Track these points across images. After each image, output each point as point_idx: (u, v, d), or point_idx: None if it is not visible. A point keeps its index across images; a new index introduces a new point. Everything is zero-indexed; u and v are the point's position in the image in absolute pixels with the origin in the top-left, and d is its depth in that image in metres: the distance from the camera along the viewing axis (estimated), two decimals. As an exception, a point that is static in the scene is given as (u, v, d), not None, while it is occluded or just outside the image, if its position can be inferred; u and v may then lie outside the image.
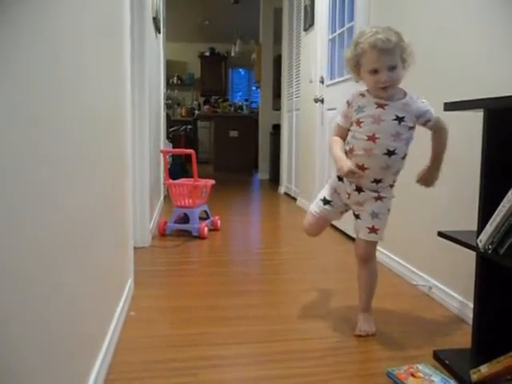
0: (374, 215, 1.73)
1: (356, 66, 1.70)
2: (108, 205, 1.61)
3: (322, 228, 1.91)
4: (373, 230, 1.74)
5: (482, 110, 1.40)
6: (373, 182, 1.70)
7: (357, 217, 1.79)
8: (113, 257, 1.73)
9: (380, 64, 1.61)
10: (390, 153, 1.66)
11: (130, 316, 1.89)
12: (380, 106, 1.66)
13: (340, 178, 1.77)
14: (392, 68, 1.62)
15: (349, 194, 1.76)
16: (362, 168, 1.68)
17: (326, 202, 1.82)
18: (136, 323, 1.84)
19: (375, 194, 1.73)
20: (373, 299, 1.85)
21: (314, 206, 1.86)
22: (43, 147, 0.91)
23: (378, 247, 2.77)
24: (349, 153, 1.71)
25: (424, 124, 1.69)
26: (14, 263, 0.76)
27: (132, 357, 1.57)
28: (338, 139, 1.76)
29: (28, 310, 0.82)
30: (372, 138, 1.64)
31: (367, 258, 1.83)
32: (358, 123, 1.68)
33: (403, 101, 1.67)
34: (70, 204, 1.09)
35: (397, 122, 1.64)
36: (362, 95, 1.72)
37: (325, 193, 1.84)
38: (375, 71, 1.62)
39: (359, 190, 1.73)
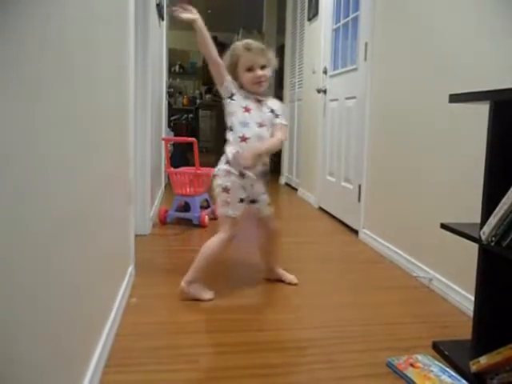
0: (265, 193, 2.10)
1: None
2: (109, 192, 1.61)
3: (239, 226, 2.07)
4: (269, 204, 2.11)
5: (487, 102, 1.39)
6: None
7: (254, 202, 2.06)
8: (114, 244, 1.73)
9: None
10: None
11: (130, 303, 1.89)
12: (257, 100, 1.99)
13: (242, 175, 1.96)
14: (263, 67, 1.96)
15: (252, 185, 2.01)
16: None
17: (241, 200, 2.00)
18: (136, 310, 1.84)
19: (261, 177, 2.04)
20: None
21: (234, 210, 1.98)
22: (45, 135, 0.90)
23: (379, 238, 2.78)
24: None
25: None
26: (14, 252, 0.76)
27: (132, 343, 1.58)
28: None
29: (29, 297, 0.82)
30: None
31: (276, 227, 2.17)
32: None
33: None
34: (71, 191, 1.09)
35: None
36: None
37: (239, 195, 1.99)
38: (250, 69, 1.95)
39: (258, 177, 2.02)
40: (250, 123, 1.95)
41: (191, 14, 1.87)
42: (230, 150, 1.98)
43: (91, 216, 1.30)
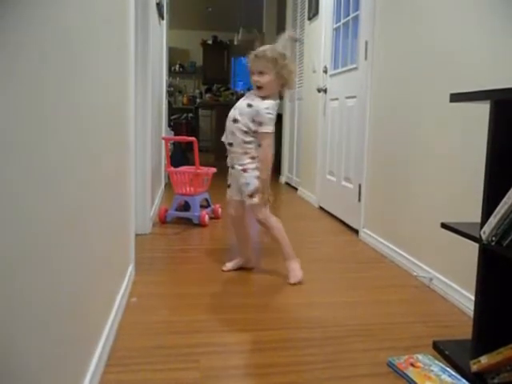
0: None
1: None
2: (110, 192, 1.61)
3: (241, 210, 2.36)
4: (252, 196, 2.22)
5: (488, 101, 1.39)
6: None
7: (240, 192, 2.28)
8: (114, 243, 1.73)
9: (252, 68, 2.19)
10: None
11: (131, 302, 1.89)
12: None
13: (232, 167, 2.27)
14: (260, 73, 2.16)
15: (237, 178, 2.26)
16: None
17: (228, 185, 2.36)
18: (137, 309, 1.84)
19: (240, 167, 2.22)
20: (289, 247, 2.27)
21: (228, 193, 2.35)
22: (46, 134, 0.90)
23: (379, 238, 2.78)
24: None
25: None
26: (14, 252, 0.76)
27: (133, 343, 1.58)
28: None
29: (29, 297, 0.82)
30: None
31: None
32: None
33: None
34: (72, 191, 1.09)
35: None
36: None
37: (229, 180, 2.35)
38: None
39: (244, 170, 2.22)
40: (228, 118, 2.23)
41: None
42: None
43: (91, 215, 1.29)
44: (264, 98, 2.18)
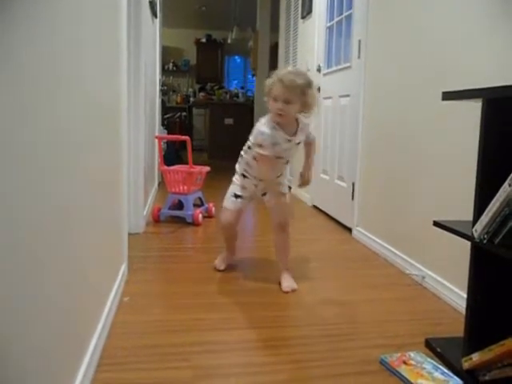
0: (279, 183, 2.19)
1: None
2: (103, 190, 1.60)
3: (238, 220, 2.28)
4: (282, 194, 2.19)
5: (480, 99, 1.39)
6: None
7: (264, 194, 2.23)
8: (107, 242, 1.72)
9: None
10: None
11: (123, 301, 1.89)
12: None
13: (245, 176, 2.19)
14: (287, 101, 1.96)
15: (255, 185, 2.19)
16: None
17: (237, 196, 2.20)
18: (129, 308, 1.84)
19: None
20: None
21: (230, 203, 2.22)
22: (40, 135, 0.89)
23: (372, 236, 2.79)
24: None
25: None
26: (8, 253, 0.75)
27: (125, 342, 1.57)
28: None
29: (22, 297, 0.82)
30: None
31: (286, 224, 2.20)
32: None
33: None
34: (63, 190, 1.08)
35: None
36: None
37: (235, 190, 2.22)
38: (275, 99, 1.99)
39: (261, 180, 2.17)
40: None
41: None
42: None
43: (83, 214, 1.29)
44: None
